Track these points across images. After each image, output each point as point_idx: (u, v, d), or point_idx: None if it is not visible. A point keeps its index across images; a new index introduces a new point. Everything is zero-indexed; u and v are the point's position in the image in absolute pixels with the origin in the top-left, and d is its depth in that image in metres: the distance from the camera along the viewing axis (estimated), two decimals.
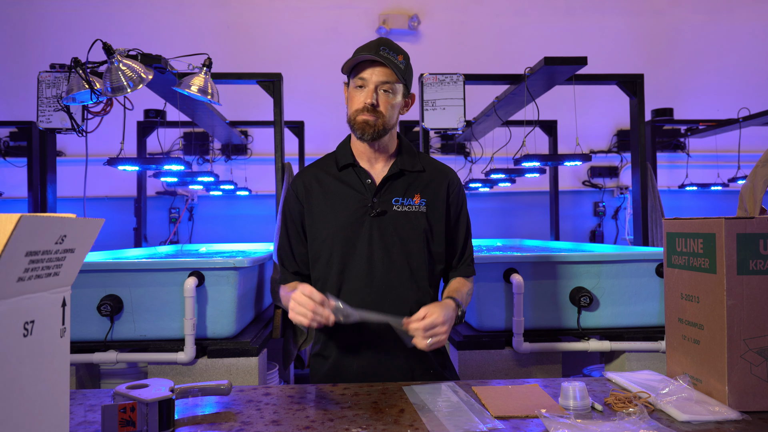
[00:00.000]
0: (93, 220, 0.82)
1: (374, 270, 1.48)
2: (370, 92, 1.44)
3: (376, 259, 1.48)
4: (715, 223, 1.16)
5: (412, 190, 1.53)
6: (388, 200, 1.50)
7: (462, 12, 5.44)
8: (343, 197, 1.51)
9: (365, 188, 1.51)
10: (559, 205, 4.65)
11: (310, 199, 1.54)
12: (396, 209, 1.50)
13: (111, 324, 2.08)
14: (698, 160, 5.38)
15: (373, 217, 1.48)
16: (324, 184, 1.54)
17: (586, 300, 2.16)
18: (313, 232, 1.53)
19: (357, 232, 1.49)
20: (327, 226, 1.51)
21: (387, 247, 1.48)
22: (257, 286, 2.60)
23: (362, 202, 1.50)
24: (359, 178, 1.52)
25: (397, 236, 1.49)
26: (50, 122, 2.62)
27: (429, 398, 1.21)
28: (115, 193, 5.12)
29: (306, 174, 1.59)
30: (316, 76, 5.22)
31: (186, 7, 5.31)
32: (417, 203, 1.52)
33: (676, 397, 1.15)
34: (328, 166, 1.58)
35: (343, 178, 1.54)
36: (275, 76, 2.92)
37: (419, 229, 1.50)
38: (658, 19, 5.62)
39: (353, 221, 1.49)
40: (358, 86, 1.46)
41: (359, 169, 1.53)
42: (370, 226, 1.48)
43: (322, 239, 1.51)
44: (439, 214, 1.55)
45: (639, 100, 3.15)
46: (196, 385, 1.17)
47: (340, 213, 1.50)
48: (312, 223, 1.53)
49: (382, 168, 1.55)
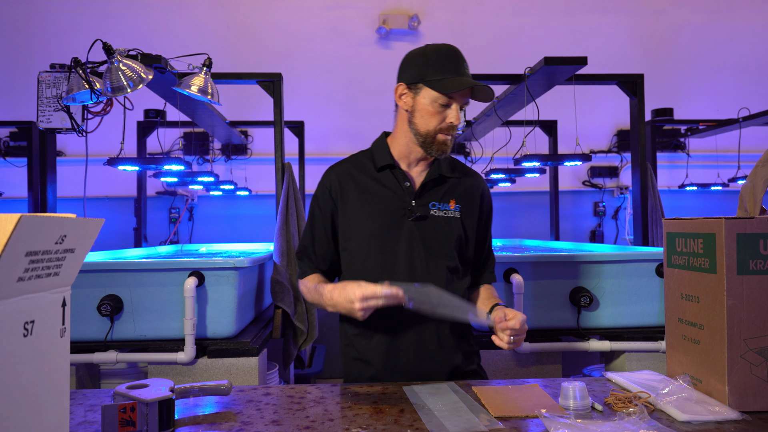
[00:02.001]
0: (93, 220, 0.82)
1: (415, 273, 1.47)
2: (457, 112, 1.43)
3: (417, 263, 1.47)
4: (715, 223, 1.16)
5: (447, 196, 1.53)
6: (425, 204, 1.50)
7: (462, 12, 5.44)
8: (381, 199, 1.50)
9: (404, 191, 1.50)
10: (559, 205, 4.65)
11: (345, 198, 1.52)
12: (434, 213, 1.50)
13: (111, 324, 2.08)
14: (698, 160, 5.38)
15: (412, 220, 1.47)
16: (360, 184, 1.52)
17: (586, 300, 2.16)
18: (348, 233, 1.52)
19: (396, 235, 1.47)
20: (363, 227, 1.49)
21: (427, 251, 1.48)
22: (257, 286, 2.60)
23: (400, 205, 1.49)
24: (397, 181, 1.51)
25: (436, 240, 1.49)
26: (50, 122, 2.62)
27: (429, 398, 1.21)
28: (115, 193, 5.12)
29: (340, 171, 1.55)
30: (316, 76, 5.22)
31: (186, 7, 5.31)
32: (453, 208, 1.52)
33: (676, 397, 1.15)
34: (364, 165, 1.55)
35: (381, 179, 1.52)
36: (275, 76, 2.92)
37: (454, 234, 1.51)
38: (658, 19, 5.62)
39: (392, 224, 1.48)
40: (442, 104, 1.42)
41: (398, 171, 1.52)
42: (410, 229, 1.47)
43: (357, 240, 1.50)
44: (472, 220, 1.55)
45: (639, 100, 3.15)
46: (196, 385, 1.17)
47: (377, 215, 1.48)
48: (346, 222, 1.51)
49: (420, 171, 1.54)
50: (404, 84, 1.46)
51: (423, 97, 1.43)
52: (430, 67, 1.42)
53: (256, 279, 2.57)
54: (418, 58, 1.45)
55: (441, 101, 1.41)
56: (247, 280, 2.35)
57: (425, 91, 1.42)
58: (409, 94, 1.46)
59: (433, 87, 1.41)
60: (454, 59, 1.42)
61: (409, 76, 1.45)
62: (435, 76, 1.40)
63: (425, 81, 1.41)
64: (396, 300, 1.25)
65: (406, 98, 1.47)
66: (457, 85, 1.39)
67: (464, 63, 1.44)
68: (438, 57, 1.42)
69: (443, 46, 1.45)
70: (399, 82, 1.48)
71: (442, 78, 1.40)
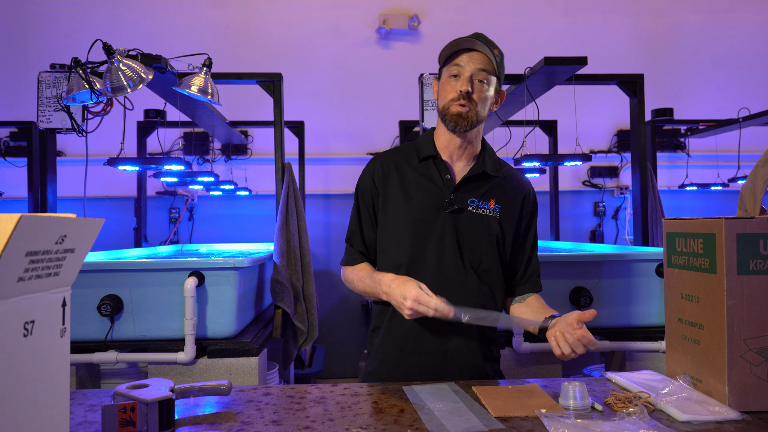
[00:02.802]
0: (93, 220, 0.82)
1: (443, 267, 1.47)
2: (466, 80, 1.43)
3: (447, 255, 1.47)
4: (715, 223, 1.16)
5: (488, 195, 1.52)
6: (464, 199, 1.49)
7: (462, 12, 5.44)
8: (420, 189, 1.50)
9: (444, 183, 1.50)
10: (559, 205, 4.65)
11: (386, 185, 1.53)
12: (471, 209, 1.49)
13: (111, 324, 2.08)
14: (698, 160, 5.38)
15: (448, 213, 1.47)
16: (402, 173, 1.53)
17: (586, 300, 2.16)
18: (385, 220, 1.52)
19: (431, 226, 1.48)
20: (400, 215, 1.50)
21: (459, 245, 1.47)
22: (257, 286, 2.60)
23: (439, 197, 1.49)
24: (439, 172, 1.51)
25: (469, 237, 1.48)
26: (50, 122, 2.62)
27: (429, 398, 1.21)
28: (115, 193, 5.12)
29: (385, 159, 1.57)
30: (316, 76, 5.22)
31: (186, 7, 5.31)
32: (492, 208, 1.51)
33: (676, 397, 1.15)
34: (409, 155, 1.56)
35: (422, 170, 1.52)
36: (275, 76, 2.92)
37: (491, 234, 1.49)
38: (658, 19, 5.62)
39: (428, 215, 1.48)
40: (452, 75, 1.44)
41: (440, 163, 1.52)
42: (444, 222, 1.47)
43: (393, 228, 1.51)
44: (511, 222, 1.53)
45: (639, 100, 3.15)
46: (196, 385, 1.17)
47: (415, 204, 1.49)
48: (385, 210, 1.52)
49: (464, 166, 1.54)
50: (435, 78, 1.54)
51: (441, 79, 1.50)
52: (445, 51, 1.47)
53: (256, 279, 2.57)
54: (442, 51, 1.51)
55: (451, 71, 1.45)
56: (247, 280, 2.35)
57: (442, 73, 1.49)
58: (436, 83, 1.53)
59: (440, 62, 1.49)
60: (468, 37, 1.46)
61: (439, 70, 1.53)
62: (446, 50, 1.47)
63: (441, 63, 1.49)
64: (444, 317, 1.27)
65: (435, 88, 1.53)
66: (452, 49, 1.43)
67: (478, 37, 1.45)
68: (453, 41, 1.47)
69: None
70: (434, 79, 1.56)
71: (448, 50, 1.46)
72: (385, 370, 1.52)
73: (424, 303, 1.27)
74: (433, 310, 1.26)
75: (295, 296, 2.72)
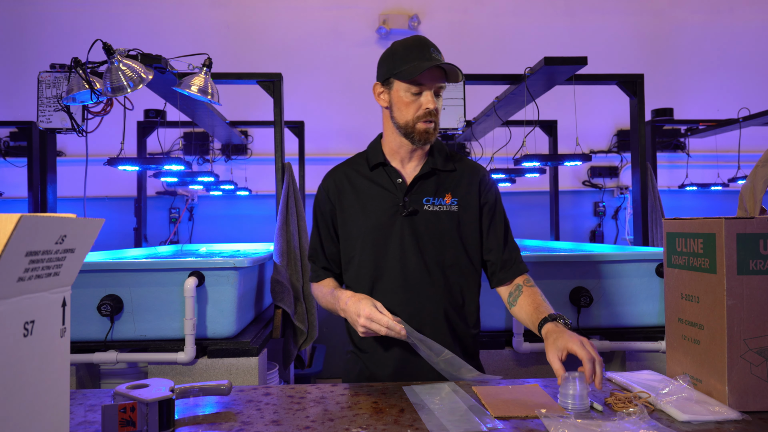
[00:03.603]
0: (93, 220, 0.82)
1: (407, 270, 1.48)
2: (432, 98, 1.43)
3: (408, 259, 1.48)
4: (715, 223, 1.16)
5: (443, 190, 1.52)
6: (418, 200, 1.50)
7: (462, 12, 5.44)
8: (375, 197, 1.51)
9: (396, 188, 1.51)
10: (559, 205, 4.65)
11: (341, 198, 1.54)
12: (427, 209, 1.50)
13: (111, 324, 2.08)
14: (698, 160, 5.38)
15: (404, 216, 1.48)
16: (355, 184, 1.54)
17: (586, 300, 2.17)
18: (345, 232, 1.54)
19: (389, 233, 1.49)
20: (358, 226, 1.51)
21: (419, 247, 1.48)
22: (257, 286, 2.60)
23: (393, 202, 1.50)
24: (390, 178, 1.52)
25: (429, 236, 1.48)
26: (50, 122, 2.62)
27: (429, 398, 1.21)
28: (115, 193, 5.12)
29: (337, 173, 1.58)
30: (316, 76, 5.22)
31: (186, 7, 5.31)
32: (448, 203, 1.51)
33: (676, 397, 1.15)
34: (359, 165, 1.57)
35: (374, 178, 1.53)
36: (275, 76, 2.92)
37: (451, 230, 1.50)
38: (658, 19, 5.62)
39: (385, 221, 1.49)
40: (414, 93, 1.43)
41: (390, 169, 1.53)
42: (402, 226, 1.48)
43: (353, 239, 1.52)
44: (472, 213, 1.53)
45: (639, 100, 3.15)
46: (196, 385, 1.17)
47: (372, 213, 1.50)
48: (344, 223, 1.54)
49: (414, 167, 1.54)
50: (379, 83, 1.50)
51: (396, 91, 1.45)
52: (396, 59, 1.44)
53: (256, 279, 2.57)
54: (388, 55, 1.48)
55: (412, 90, 1.42)
56: (247, 280, 2.35)
57: (396, 84, 1.45)
58: (384, 92, 1.49)
59: (401, 77, 1.42)
60: (418, 46, 1.43)
61: (381, 74, 1.49)
62: (402, 66, 1.42)
63: (394, 74, 1.44)
64: (397, 336, 1.30)
65: (383, 96, 1.50)
66: (418, 68, 1.39)
67: (431, 48, 1.43)
68: (403, 48, 1.44)
69: (409, 38, 1.47)
70: (375, 82, 1.52)
71: (407, 66, 1.41)
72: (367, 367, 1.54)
73: (377, 321, 1.29)
74: (386, 328, 1.29)
75: (295, 296, 2.72)
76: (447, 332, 1.50)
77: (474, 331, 1.57)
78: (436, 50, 1.44)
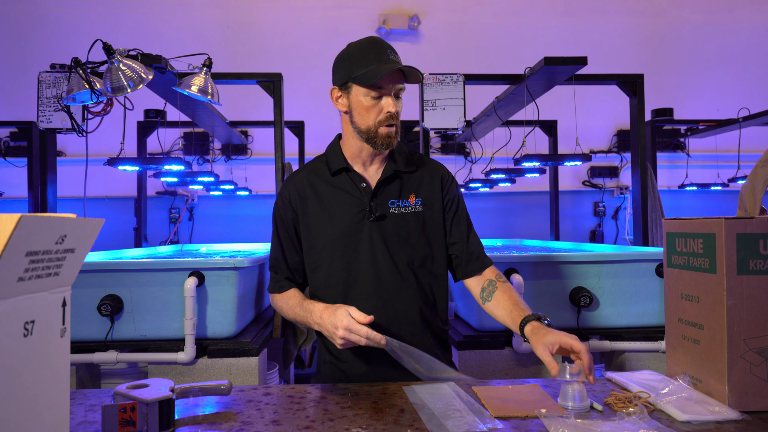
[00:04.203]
0: (93, 220, 0.82)
1: (380, 274, 1.47)
2: (393, 101, 1.41)
3: (381, 263, 1.47)
4: (715, 223, 1.16)
5: (406, 191, 1.51)
6: (384, 203, 1.49)
7: (462, 12, 5.44)
8: (339, 203, 1.49)
9: (361, 192, 1.49)
10: (559, 205, 4.65)
11: (304, 205, 1.52)
12: (393, 211, 1.49)
13: (111, 324, 2.08)
14: (698, 160, 5.38)
15: (372, 221, 1.47)
16: (318, 191, 1.52)
17: (586, 300, 2.16)
18: (310, 241, 1.51)
19: (357, 238, 1.47)
20: (325, 233, 1.49)
21: (389, 250, 1.47)
22: (257, 286, 2.60)
23: (359, 207, 1.48)
24: (354, 183, 1.50)
25: (397, 239, 1.48)
26: (50, 122, 2.62)
27: (429, 398, 1.21)
28: (115, 193, 5.12)
29: (298, 180, 1.55)
30: (316, 76, 5.19)
31: (186, 7, 5.31)
32: (412, 204, 1.50)
33: (676, 397, 1.15)
34: (320, 170, 1.54)
35: (337, 184, 1.51)
36: (275, 76, 2.92)
37: (418, 230, 1.49)
38: (658, 19, 5.62)
39: (352, 227, 1.47)
40: (374, 97, 1.40)
41: (353, 174, 1.51)
42: (370, 230, 1.47)
43: (320, 247, 1.50)
44: (436, 211, 1.53)
45: (639, 100, 3.15)
46: (196, 385, 1.17)
47: (338, 220, 1.48)
48: (308, 231, 1.51)
49: (376, 171, 1.52)
50: (336, 87, 1.47)
51: (355, 95, 1.43)
52: (354, 63, 1.41)
53: (256, 279, 2.57)
54: (343, 58, 1.44)
55: (372, 94, 1.40)
56: (247, 280, 2.35)
57: (355, 89, 1.42)
58: (343, 96, 1.46)
59: (359, 82, 1.40)
60: (375, 49, 1.40)
61: (338, 78, 1.46)
62: (360, 70, 1.39)
63: (352, 78, 1.41)
64: (377, 345, 1.25)
65: (342, 100, 1.47)
66: (378, 73, 1.36)
67: (387, 50, 1.41)
68: (360, 51, 1.41)
69: (364, 40, 1.44)
70: (333, 86, 1.48)
71: (366, 70, 1.38)
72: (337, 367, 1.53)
73: (356, 331, 1.25)
74: (365, 338, 1.25)
75: None
76: (424, 331, 1.50)
77: (446, 327, 1.58)
78: (393, 51, 1.42)
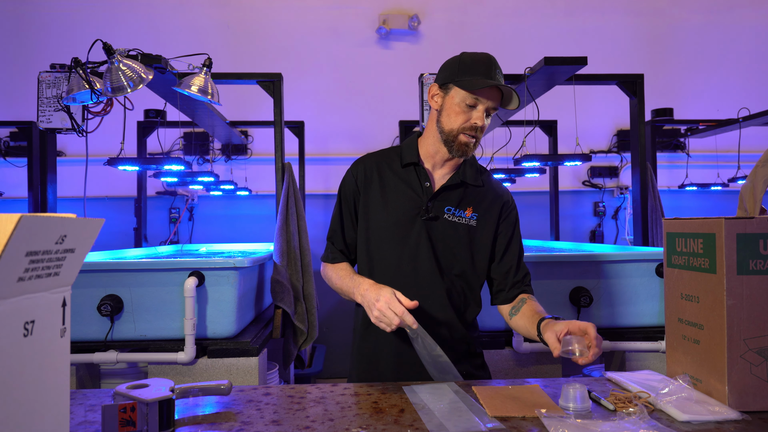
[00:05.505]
0: (93, 220, 0.82)
1: (419, 271, 1.50)
2: (483, 115, 1.46)
3: (422, 260, 1.50)
4: (715, 223, 1.16)
5: (465, 203, 1.54)
6: (441, 207, 1.52)
7: (462, 12, 5.44)
8: (399, 194, 1.53)
9: (422, 190, 1.53)
10: (559, 205, 4.65)
11: (368, 188, 1.56)
12: (446, 217, 1.52)
13: (111, 324, 2.08)
14: (698, 160, 5.38)
15: (424, 220, 1.50)
16: (384, 177, 1.56)
17: (586, 300, 2.17)
18: (365, 222, 1.56)
19: (408, 232, 1.51)
20: (379, 219, 1.53)
21: (434, 251, 1.50)
22: (257, 286, 2.60)
23: (416, 203, 1.52)
24: (419, 179, 1.54)
25: (443, 244, 1.51)
26: (50, 122, 2.62)
27: (429, 398, 1.21)
28: (115, 193, 5.12)
29: (368, 162, 1.60)
30: (316, 76, 5.22)
31: (186, 7, 5.30)
32: (468, 216, 1.53)
33: (676, 397, 1.15)
34: (392, 160, 1.59)
35: (403, 176, 1.55)
36: (275, 76, 2.92)
37: (465, 242, 1.52)
38: (658, 19, 5.62)
39: (405, 220, 1.51)
40: (469, 105, 1.45)
41: (420, 170, 1.55)
42: (421, 228, 1.50)
43: (371, 231, 1.54)
44: (488, 231, 1.55)
45: (639, 100, 3.15)
46: (196, 385, 1.17)
47: (394, 209, 1.52)
48: (365, 212, 1.56)
49: (444, 174, 1.56)
50: (437, 84, 1.52)
51: (452, 97, 1.47)
52: (462, 68, 1.46)
53: (256, 279, 2.57)
54: (453, 62, 1.50)
55: (468, 101, 1.44)
56: (247, 280, 2.35)
57: (454, 91, 1.47)
58: (439, 94, 1.51)
59: (460, 86, 1.45)
60: (486, 63, 1.46)
61: (442, 77, 1.51)
62: (465, 76, 1.44)
63: (455, 81, 1.46)
64: (408, 326, 1.29)
65: (437, 98, 1.52)
66: (484, 83, 1.42)
67: (496, 69, 1.46)
68: (471, 60, 1.47)
69: (479, 53, 1.50)
70: (433, 83, 1.53)
71: (471, 78, 1.44)
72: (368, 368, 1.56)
73: (394, 308, 1.28)
74: (400, 317, 1.27)
75: (295, 296, 2.72)
76: (448, 335, 1.52)
77: (474, 333, 1.61)
78: (500, 72, 1.46)
